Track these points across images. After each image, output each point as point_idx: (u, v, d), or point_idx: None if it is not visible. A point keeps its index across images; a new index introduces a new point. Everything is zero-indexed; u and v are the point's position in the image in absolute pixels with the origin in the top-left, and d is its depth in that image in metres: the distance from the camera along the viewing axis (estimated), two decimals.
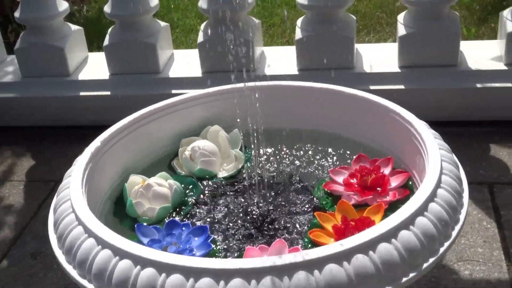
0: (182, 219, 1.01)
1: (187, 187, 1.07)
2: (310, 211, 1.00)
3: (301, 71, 2.04)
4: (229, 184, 1.09)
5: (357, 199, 1.00)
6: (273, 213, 1.00)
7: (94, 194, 1.00)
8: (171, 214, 1.03)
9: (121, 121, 1.11)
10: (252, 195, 1.05)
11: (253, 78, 1.13)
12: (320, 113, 1.16)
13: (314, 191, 1.05)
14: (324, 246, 0.79)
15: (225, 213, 1.01)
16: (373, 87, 1.92)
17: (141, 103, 1.21)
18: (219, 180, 1.10)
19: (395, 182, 1.03)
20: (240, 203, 1.03)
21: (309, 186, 1.06)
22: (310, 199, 1.03)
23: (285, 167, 1.12)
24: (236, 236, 0.96)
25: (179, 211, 1.03)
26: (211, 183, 1.10)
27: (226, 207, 1.03)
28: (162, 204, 1.02)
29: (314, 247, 0.82)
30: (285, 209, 1.01)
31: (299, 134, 1.17)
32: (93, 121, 1.56)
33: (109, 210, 1.05)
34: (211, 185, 1.09)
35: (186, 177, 1.10)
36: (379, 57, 2.10)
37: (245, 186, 1.08)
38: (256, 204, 1.02)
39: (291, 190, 1.06)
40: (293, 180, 1.08)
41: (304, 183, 1.07)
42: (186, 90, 1.56)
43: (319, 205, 1.02)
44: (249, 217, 1.00)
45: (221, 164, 1.12)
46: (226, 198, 1.05)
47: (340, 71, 1.98)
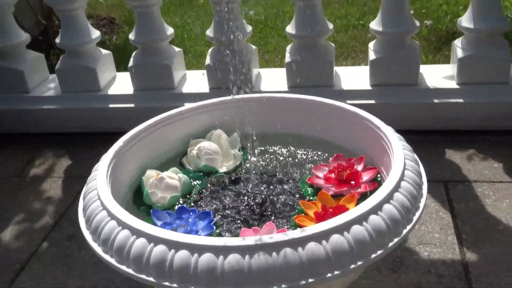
0: (189, 205, 1.00)
1: (194, 180, 1.06)
2: (295, 200, 0.99)
3: (290, 88, 2.04)
4: (228, 177, 1.08)
5: (334, 190, 0.99)
6: (265, 202, 0.99)
7: (117, 185, 0.99)
8: (180, 201, 1.02)
9: (140, 125, 1.10)
10: (247, 187, 1.04)
11: (250, 93, 1.13)
12: (305, 120, 1.15)
13: (299, 184, 1.04)
14: (306, 227, 0.77)
15: (225, 201, 1.00)
16: (349, 102, 1.90)
17: (159, 113, 1.19)
18: (220, 174, 1.09)
19: (366, 176, 1.01)
20: (237, 193, 1.02)
21: (295, 180, 1.05)
22: (296, 191, 1.02)
23: (275, 164, 1.11)
24: (234, 220, 0.95)
25: (187, 199, 1.02)
26: (214, 177, 1.08)
27: (226, 196, 1.02)
28: (172, 193, 1.01)
29: None
30: (275, 198, 1.00)
31: (288, 137, 1.16)
32: (118, 128, 1.53)
33: (129, 198, 1.04)
34: (214, 179, 1.08)
35: (193, 171, 1.09)
36: (353, 77, 2.10)
37: (242, 179, 1.07)
38: (251, 194, 1.01)
39: (281, 183, 1.05)
40: (282, 175, 1.07)
41: (291, 177, 1.06)
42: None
43: (303, 195, 1.00)
44: (245, 204, 0.99)
45: (222, 161, 1.11)
46: (226, 189, 1.04)
47: (321, 88, 1.98)
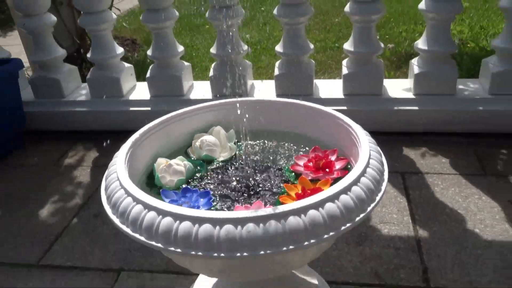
0: (193, 187, 0.98)
1: (196, 167, 1.04)
2: (280, 183, 0.97)
3: (279, 96, 2.03)
4: (225, 165, 1.06)
5: (312, 176, 0.97)
6: (255, 185, 0.97)
7: (133, 170, 0.97)
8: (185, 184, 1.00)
9: (153, 121, 1.08)
10: (241, 172, 1.02)
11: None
12: (290, 120, 1.13)
13: (283, 170, 1.02)
14: (287, 204, 0.76)
15: (221, 183, 0.99)
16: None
17: None
18: (218, 162, 1.07)
19: (338, 165, 1.00)
20: (232, 177, 1.01)
21: (280, 167, 1.04)
22: (280, 176, 1.00)
23: (264, 155, 1.10)
24: (229, 198, 0.93)
25: (191, 182, 1.00)
26: (213, 164, 1.06)
27: (222, 180, 1.00)
28: (179, 177, 0.99)
29: None
30: (263, 182, 0.98)
31: (276, 133, 1.14)
32: (137, 127, 1.51)
33: (143, 181, 1.01)
34: (213, 166, 1.06)
35: (196, 160, 1.07)
36: (330, 88, 2.09)
37: (236, 167, 1.05)
38: (243, 178, 0.99)
39: (268, 170, 1.03)
40: (269, 163, 1.06)
41: (276, 165, 1.05)
42: None
43: (286, 179, 0.99)
44: (238, 186, 0.97)
45: (220, 152, 1.09)
46: (222, 174, 1.02)
47: (304, 97, 1.97)
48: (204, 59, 3.13)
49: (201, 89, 2.17)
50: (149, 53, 2.07)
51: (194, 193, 0.93)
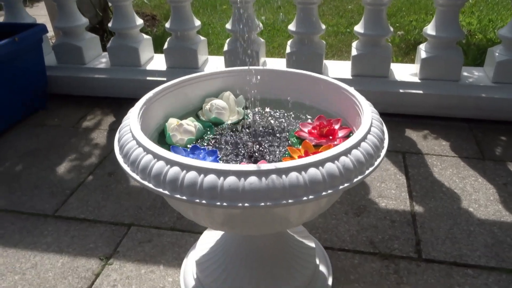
0: (201, 146, 0.98)
1: (206, 128, 1.04)
2: (284, 147, 0.97)
3: None
4: (232, 128, 1.06)
5: (315, 141, 0.97)
6: (260, 146, 0.97)
7: (146, 126, 0.97)
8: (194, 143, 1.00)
9: (167, 83, 1.08)
10: (247, 135, 1.02)
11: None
12: (297, 89, 1.12)
13: (288, 135, 1.02)
14: (289, 161, 0.76)
15: (229, 144, 0.99)
16: None
17: None
18: (226, 125, 1.07)
19: (341, 133, 0.99)
20: (239, 139, 1.01)
21: (286, 132, 1.03)
22: (285, 140, 1.00)
23: (271, 121, 1.09)
24: (235, 158, 0.94)
25: (200, 142, 1.00)
26: (221, 126, 1.06)
27: (229, 140, 1.00)
28: (189, 136, 0.99)
29: None
30: (268, 145, 0.98)
31: (283, 102, 1.14)
32: None
33: (155, 138, 1.02)
34: (221, 128, 1.06)
35: (205, 122, 1.07)
36: (338, 69, 2.07)
37: (243, 129, 1.05)
38: (250, 140, 0.99)
39: (274, 134, 1.03)
40: (276, 128, 1.05)
41: (282, 130, 1.04)
42: None
43: (291, 144, 0.99)
44: (244, 147, 0.97)
45: (229, 116, 1.09)
46: (230, 135, 1.02)
47: None
48: (220, 37, 3.10)
49: (215, 63, 2.16)
50: (167, 25, 2.05)
51: (202, 151, 0.93)
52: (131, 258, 1.28)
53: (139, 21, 2.14)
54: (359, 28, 1.92)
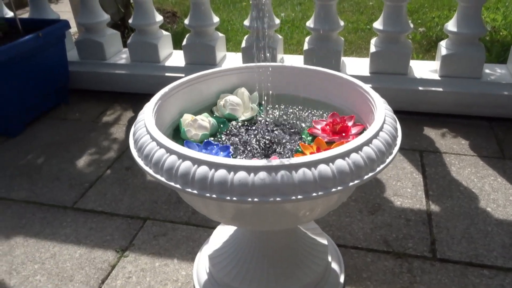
0: (215, 141, 0.99)
1: (220, 124, 1.05)
2: (297, 143, 0.97)
3: None
4: (246, 124, 1.06)
5: (328, 138, 0.97)
6: (273, 143, 0.97)
7: (161, 121, 0.98)
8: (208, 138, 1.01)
9: (182, 78, 1.09)
10: (260, 132, 1.02)
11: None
12: (312, 86, 1.12)
13: (301, 132, 1.02)
14: (299, 157, 0.76)
15: (242, 140, 0.99)
16: None
17: None
18: (240, 121, 1.07)
19: (354, 130, 0.99)
20: (252, 136, 1.01)
21: (299, 129, 1.03)
22: (298, 137, 1.00)
23: (284, 117, 1.09)
24: (248, 153, 0.94)
25: (214, 137, 1.01)
26: (235, 122, 1.07)
27: (242, 137, 1.01)
28: (203, 132, 1.00)
29: None
30: (281, 141, 0.98)
31: (297, 98, 1.13)
32: None
33: (170, 133, 1.03)
34: (235, 124, 1.06)
35: (219, 117, 1.08)
36: (357, 66, 2.05)
37: (256, 126, 1.05)
38: (262, 137, 1.00)
39: (287, 131, 1.03)
40: (289, 125, 1.05)
41: (295, 127, 1.04)
42: None
43: (303, 140, 0.99)
44: (257, 144, 0.97)
45: (243, 112, 1.10)
46: (243, 132, 1.03)
47: None
48: (239, 33, 3.11)
49: (233, 60, 2.17)
50: (186, 22, 2.07)
51: (215, 146, 0.94)
52: (146, 251, 1.30)
53: (159, 18, 2.16)
54: (378, 24, 1.90)
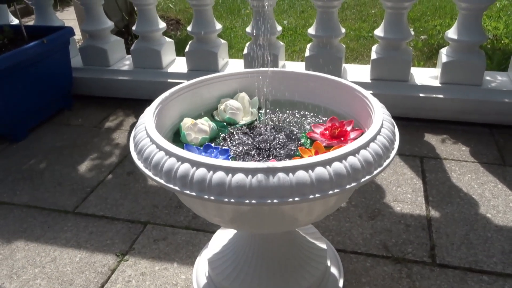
0: (214, 145, 1.00)
1: (220, 128, 1.06)
2: (295, 147, 0.98)
3: None
4: (246, 128, 1.07)
5: (327, 142, 0.98)
6: (272, 147, 0.98)
7: (161, 124, 0.99)
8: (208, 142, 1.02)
9: (183, 83, 1.10)
10: (260, 136, 1.03)
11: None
12: (311, 91, 1.13)
13: (300, 136, 1.02)
14: (296, 159, 0.77)
15: (241, 144, 1.00)
16: None
17: None
18: (240, 125, 1.08)
19: (353, 134, 0.99)
20: (251, 139, 1.02)
21: (297, 134, 1.04)
22: (296, 141, 1.01)
23: (283, 121, 1.10)
24: (246, 157, 0.95)
25: (214, 141, 1.02)
26: (235, 127, 1.08)
27: (242, 141, 1.01)
28: (203, 135, 1.01)
29: None
30: (280, 145, 0.99)
31: (297, 103, 1.14)
32: None
33: (170, 137, 1.04)
34: (235, 128, 1.07)
35: (220, 122, 1.09)
36: (358, 73, 2.06)
37: (256, 130, 1.06)
38: (261, 141, 1.00)
39: (286, 135, 1.04)
40: (287, 129, 1.06)
41: (294, 131, 1.05)
42: None
43: (302, 144, 0.99)
44: (256, 147, 0.98)
45: (243, 116, 1.11)
46: (243, 136, 1.04)
47: None
48: (241, 40, 3.13)
49: (235, 66, 2.18)
50: (189, 28, 2.09)
51: (215, 149, 0.95)
52: (146, 255, 1.31)
53: (162, 25, 2.19)
54: (379, 31, 1.91)
